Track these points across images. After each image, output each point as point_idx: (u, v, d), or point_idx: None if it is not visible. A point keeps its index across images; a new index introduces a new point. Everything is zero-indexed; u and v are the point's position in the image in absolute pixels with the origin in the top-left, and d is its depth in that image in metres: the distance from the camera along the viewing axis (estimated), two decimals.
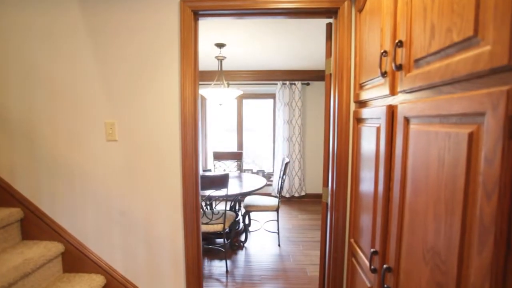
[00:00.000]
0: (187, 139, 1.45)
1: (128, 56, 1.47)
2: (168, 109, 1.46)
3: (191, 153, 1.47)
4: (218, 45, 3.26)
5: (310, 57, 3.97)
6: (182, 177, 1.51)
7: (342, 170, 1.43)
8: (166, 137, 1.49)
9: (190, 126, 1.44)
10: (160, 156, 1.51)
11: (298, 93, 4.93)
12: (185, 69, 1.41)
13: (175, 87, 1.44)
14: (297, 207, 4.74)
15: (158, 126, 1.48)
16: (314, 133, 5.16)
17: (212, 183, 2.47)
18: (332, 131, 1.48)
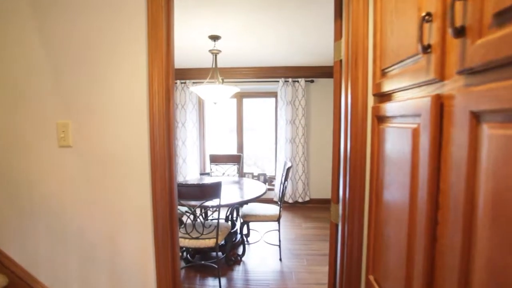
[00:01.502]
0: (157, 144, 1.13)
1: (83, 41, 1.16)
2: (134, 107, 1.15)
3: (162, 161, 1.15)
4: (212, 37, 2.94)
5: (313, 50, 3.64)
6: (151, 192, 1.19)
7: (358, 184, 1.10)
8: (132, 141, 1.17)
9: (160, 128, 1.12)
10: (125, 166, 1.19)
11: (301, 91, 4.60)
12: (153, 56, 1.09)
13: (142, 79, 1.13)
14: (301, 214, 4.40)
15: (123, 127, 1.17)
16: (318, 134, 4.81)
17: (202, 193, 2.15)
18: (344, 133, 1.15)
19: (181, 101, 4.77)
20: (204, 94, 2.87)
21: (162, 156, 1.14)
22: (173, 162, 1.21)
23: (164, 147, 1.14)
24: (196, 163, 4.96)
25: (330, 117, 4.85)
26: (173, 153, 1.20)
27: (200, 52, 3.59)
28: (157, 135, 1.12)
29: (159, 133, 1.12)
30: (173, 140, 1.20)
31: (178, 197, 2.15)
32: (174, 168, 1.24)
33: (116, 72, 1.15)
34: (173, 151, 1.21)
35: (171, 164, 1.20)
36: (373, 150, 1.02)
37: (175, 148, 4.25)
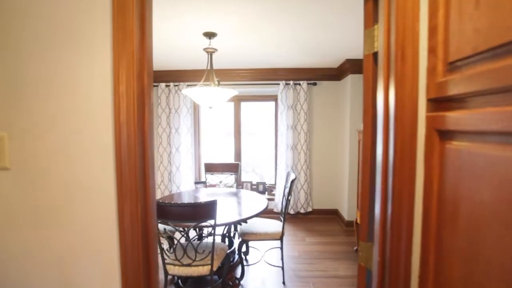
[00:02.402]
0: (125, 166, 0.81)
1: (28, 29, 0.85)
2: (94, 115, 0.83)
3: (133, 188, 0.83)
4: (207, 34, 2.64)
5: (317, 50, 3.35)
6: (118, 234, 0.87)
7: (404, 221, 0.80)
8: (92, 160, 0.85)
9: (130, 142, 0.80)
10: (80, 197, 0.87)
11: (303, 94, 4.30)
12: (120, 50, 0.78)
13: (103, 80, 0.82)
14: (303, 227, 4.08)
15: (80, 143, 0.85)
16: (322, 140, 4.52)
17: (195, 213, 1.83)
18: (383, 150, 0.84)
19: (174, 105, 4.45)
20: (198, 97, 2.56)
21: (133, 180, 0.82)
22: (150, 187, 0.89)
23: (136, 168, 0.82)
24: (191, 171, 4.63)
25: (334, 122, 4.63)
26: (149, 173, 0.88)
27: (194, 51, 3.29)
28: (125, 152, 0.80)
29: (129, 149, 0.81)
30: (151, 155, 0.89)
31: (166, 218, 1.83)
32: (152, 195, 0.92)
33: (68, 72, 0.84)
34: (151, 171, 0.89)
35: (147, 190, 0.88)
36: (431, 179, 0.72)
37: (167, 157, 3.83)
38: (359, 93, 3.86)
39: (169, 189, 4.58)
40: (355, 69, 3.80)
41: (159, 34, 2.72)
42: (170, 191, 4.57)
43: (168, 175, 4.57)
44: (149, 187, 0.88)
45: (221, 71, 4.31)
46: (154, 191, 0.93)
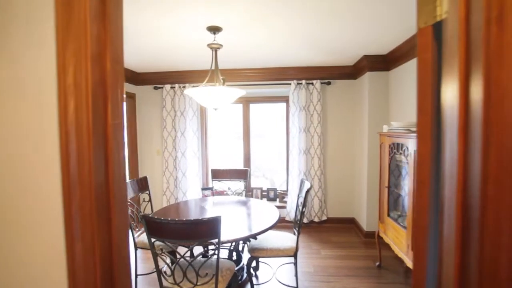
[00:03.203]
0: (74, 190, 0.56)
1: None
2: (33, 121, 0.59)
3: (87, 223, 0.57)
4: (212, 29, 2.40)
5: (331, 46, 3.06)
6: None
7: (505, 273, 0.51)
8: (31, 185, 0.60)
9: (82, 154, 0.55)
10: (15, 233, 0.62)
11: (316, 94, 4.01)
12: (65, 23, 0.54)
13: (47, 67, 0.57)
14: (318, 238, 3.77)
15: (10, 163, 0.61)
16: (337, 144, 4.20)
17: (195, 232, 1.57)
18: (459, 169, 0.56)
19: (180, 107, 4.24)
20: (201, 98, 2.32)
21: (87, 211, 0.56)
22: (117, 216, 0.63)
23: (92, 193, 0.56)
24: (197, 176, 4.40)
25: (350, 124, 4.28)
26: (117, 197, 0.63)
27: (198, 49, 3.06)
28: (74, 171, 0.55)
29: (80, 166, 0.55)
30: (118, 171, 0.63)
31: (162, 237, 1.58)
32: (122, 228, 0.66)
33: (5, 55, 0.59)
34: (119, 193, 0.64)
35: (112, 224, 0.62)
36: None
37: (173, 162, 3.53)
38: (378, 92, 3.54)
39: (175, 196, 4.35)
40: (373, 66, 3.49)
41: (160, 32, 2.50)
42: (176, 198, 4.34)
43: (174, 181, 4.35)
44: (115, 217, 0.62)
45: (227, 71, 4.07)
46: (125, 219, 0.67)
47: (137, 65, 3.83)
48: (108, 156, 0.60)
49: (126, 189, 0.67)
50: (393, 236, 2.49)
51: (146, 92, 4.44)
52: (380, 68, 3.50)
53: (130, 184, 2.68)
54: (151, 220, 1.57)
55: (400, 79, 3.19)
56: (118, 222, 0.63)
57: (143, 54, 3.28)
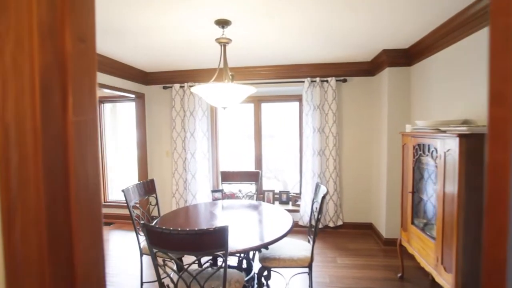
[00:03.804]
0: (15, 218, 0.41)
1: None
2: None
3: (33, 262, 0.42)
4: (220, 22, 2.25)
5: (348, 40, 2.85)
6: None
7: None
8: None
9: (28, 160, 0.41)
10: None
11: (331, 92, 3.80)
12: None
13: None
14: (333, 244, 3.55)
15: None
16: (353, 144, 3.97)
17: (200, 243, 1.42)
18: None
19: (189, 107, 4.12)
20: (209, 96, 2.17)
21: (34, 248, 0.41)
22: (81, 254, 0.48)
23: (43, 221, 0.41)
24: (207, 178, 4.27)
25: (368, 124, 3.95)
26: (81, 223, 0.47)
27: (207, 46, 2.93)
28: (15, 191, 0.40)
29: (22, 181, 0.40)
30: (91, 195, 0.48)
31: (165, 248, 1.44)
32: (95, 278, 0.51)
33: None
34: (90, 216, 0.49)
35: (74, 265, 0.47)
36: None
37: (182, 163, 3.43)
38: (398, 89, 3.30)
39: (185, 198, 4.24)
40: (393, 61, 3.25)
41: (167, 28, 2.37)
42: (186, 200, 4.23)
43: (183, 183, 4.24)
44: (80, 255, 0.46)
45: (237, 69, 3.93)
46: (97, 256, 0.51)
47: (145, 64, 3.74)
48: (68, 165, 0.45)
49: (100, 209, 0.52)
50: (418, 247, 2.26)
51: (155, 92, 4.36)
52: (401, 63, 3.26)
53: (136, 187, 2.57)
54: (152, 229, 1.43)
55: (424, 75, 2.95)
56: (85, 262, 0.48)
57: (151, 52, 3.18)
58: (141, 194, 2.64)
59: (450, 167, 1.77)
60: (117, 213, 4.59)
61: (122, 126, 5.23)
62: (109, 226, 4.46)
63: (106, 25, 2.34)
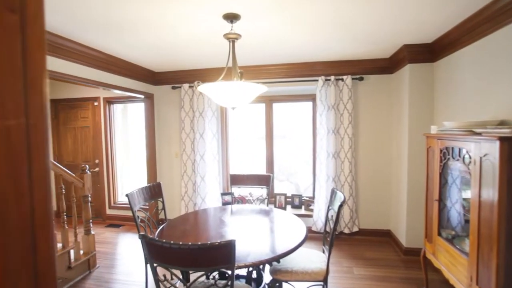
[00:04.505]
0: None
1: None
2: None
3: None
4: (228, 17, 2.11)
5: (365, 35, 2.65)
6: None
7: None
8: None
9: None
10: None
11: (347, 91, 3.60)
12: None
13: None
14: (349, 252, 3.35)
15: None
16: (370, 147, 3.75)
17: (205, 258, 1.27)
18: None
19: (198, 107, 4.01)
20: (217, 95, 2.03)
21: None
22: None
23: None
24: (217, 180, 4.14)
25: (386, 124, 3.62)
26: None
27: (216, 44, 2.79)
28: None
29: None
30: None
31: (165, 263, 1.30)
32: None
33: None
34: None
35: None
36: None
37: (191, 165, 3.30)
38: (420, 87, 3.06)
39: (194, 201, 4.13)
40: (415, 57, 3.02)
41: (173, 23, 2.25)
42: (195, 203, 4.12)
43: (192, 186, 4.13)
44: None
45: (248, 68, 3.78)
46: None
47: (154, 63, 3.65)
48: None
49: (54, 263, 0.38)
50: (446, 262, 2.04)
51: (164, 92, 4.27)
52: (423, 59, 3.02)
53: (141, 191, 2.46)
54: (151, 243, 1.30)
55: (450, 71, 2.71)
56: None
57: (159, 51, 3.07)
58: (146, 198, 2.53)
59: (487, 173, 1.56)
60: (126, 215, 4.54)
61: (133, 127, 5.18)
62: (118, 228, 4.40)
63: (108, 20, 2.24)
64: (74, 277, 2.85)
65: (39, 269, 0.38)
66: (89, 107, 4.74)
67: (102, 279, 2.89)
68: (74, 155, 4.87)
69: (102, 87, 3.24)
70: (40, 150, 0.37)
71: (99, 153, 4.70)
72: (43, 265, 0.39)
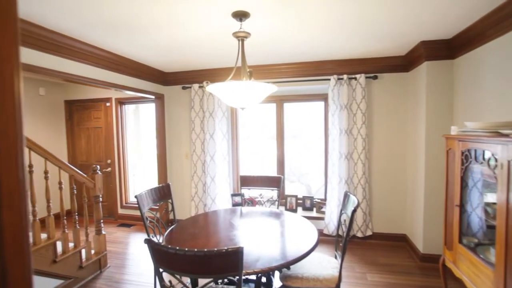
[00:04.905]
0: None
1: None
2: None
3: None
4: (237, 15, 2.05)
5: (379, 31, 2.54)
6: None
7: None
8: None
9: None
10: None
11: (360, 90, 3.48)
12: None
13: None
14: (362, 257, 3.23)
15: None
16: (385, 148, 3.62)
17: (212, 265, 1.22)
18: None
19: (208, 108, 3.98)
20: (225, 95, 1.98)
21: None
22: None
23: None
24: (227, 181, 4.10)
25: (402, 125, 3.48)
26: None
27: (225, 43, 2.74)
28: None
29: None
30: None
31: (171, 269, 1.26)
32: None
33: None
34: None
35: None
36: None
37: (202, 166, 3.27)
38: (439, 85, 2.92)
39: (204, 202, 4.11)
40: (433, 53, 2.88)
41: (181, 21, 2.22)
42: (205, 204, 4.09)
43: (202, 187, 4.11)
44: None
45: (258, 67, 3.72)
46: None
47: (163, 64, 3.65)
48: None
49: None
50: (468, 271, 1.92)
51: (174, 93, 4.26)
52: (442, 56, 2.88)
53: (150, 192, 2.44)
54: (156, 248, 1.26)
55: (471, 68, 2.56)
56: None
57: (168, 51, 3.05)
58: (155, 199, 2.51)
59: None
60: (137, 214, 4.56)
61: (145, 128, 5.22)
62: (129, 227, 4.44)
63: (118, 20, 2.23)
64: (85, 277, 2.87)
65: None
66: (102, 107, 4.80)
67: (113, 279, 2.89)
68: (87, 155, 4.95)
69: (113, 88, 3.25)
70: (9, 160, 0.32)
71: (111, 153, 4.75)
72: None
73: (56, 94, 4.90)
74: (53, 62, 2.50)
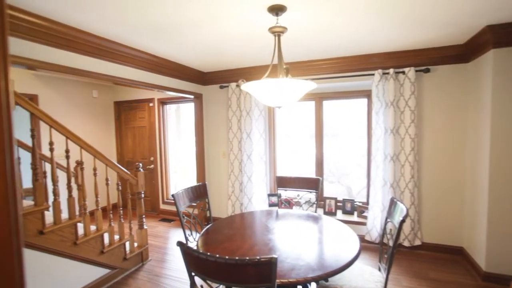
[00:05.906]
0: None
1: None
2: None
3: None
4: (273, 9, 1.96)
5: (432, 17, 2.24)
6: None
7: None
8: None
9: None
10: None
11: (409, 86, 3.15)
12: None
13: None
14: (409, 270, 2.94)
15: None
16: (437, 149, 3.24)
17: (242, 273, 1.16)
18: None
19: (245, 106, 3.95)
20: (261, 94, 1.91)
21: None
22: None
23: None
24: (263, 181, 4.05)
25: (458, 123, 3.08)
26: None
27: (262, 39, 2.67)
28: None
29: None
30: None
31: (202, 274, 1.23)
32: None
33: None
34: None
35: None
36: None
37: (239, 165, 3.26)
38: (509, 77, 2.51)
39: (240, 201, 4.10)
40: (502, 40, 2.48)
41: (215, 20, 2.20)
42: (241, 203, 4.09)
43: (239, 186, 4.11)
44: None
45: (295, 64, 3.59)
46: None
47: (202, 64, 3.70)
48: None
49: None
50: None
51: (212, 92, 4.32)
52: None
53: (187, 191, 2.48)
54: (187, 252, 1.23)
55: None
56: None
57: (204, 50, 3.07)
58: (192, 198, 2.55)
59: None
60: None
61: (185, 127, 5.40)
62: (169, 222, 4.62)
63: (160, 23, 2.28)
64: (129, 268, 3.04)
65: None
66: (145, 108, 5.06)
67: (153, 272, 3.02)
68: (133, 153, 5.27)
69: (155, 88, 3.38)
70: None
71: (153, 151, 5.00)
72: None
73: (106, 95, 5.29)
74: (107, 67, 2.69)
